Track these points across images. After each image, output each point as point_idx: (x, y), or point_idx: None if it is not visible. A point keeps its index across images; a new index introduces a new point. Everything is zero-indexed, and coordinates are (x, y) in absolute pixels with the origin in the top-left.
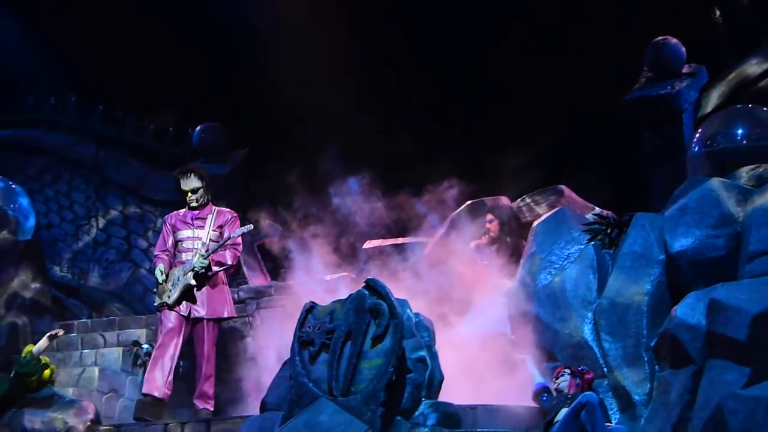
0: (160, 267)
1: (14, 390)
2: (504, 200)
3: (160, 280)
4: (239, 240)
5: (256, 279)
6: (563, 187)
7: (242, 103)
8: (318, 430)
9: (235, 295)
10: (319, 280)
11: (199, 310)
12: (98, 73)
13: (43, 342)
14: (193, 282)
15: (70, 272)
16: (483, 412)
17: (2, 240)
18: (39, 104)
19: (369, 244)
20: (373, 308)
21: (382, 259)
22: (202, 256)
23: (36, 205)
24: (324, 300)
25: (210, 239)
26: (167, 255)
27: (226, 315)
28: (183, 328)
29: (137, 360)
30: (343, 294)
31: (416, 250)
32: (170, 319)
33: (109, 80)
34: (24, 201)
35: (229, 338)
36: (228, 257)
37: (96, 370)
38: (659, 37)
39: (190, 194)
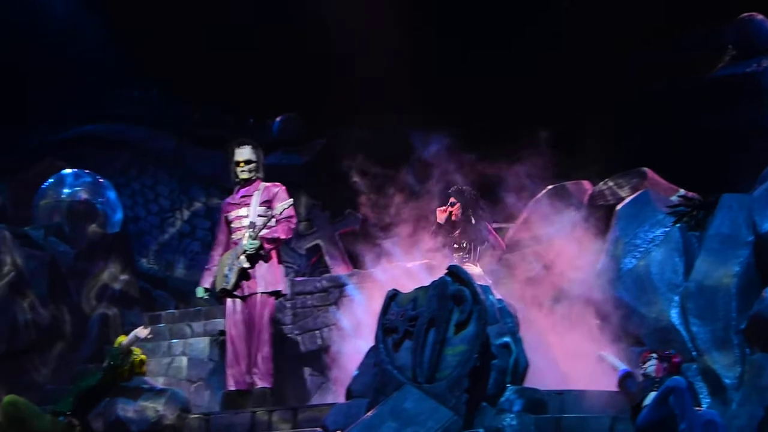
0: (200, 290)
1: (107, 380)
2: (586, 184)
3: (200, 296)
4: (292, 212)
5: (338, 268)
6: (646, 169)
7: (318, 91)
8: (403, 417)
9: (318, 284)
10: (401, 267)
11: (252, 287)
12: (180, 66)
13: (130, 339)
14: (247, 264)
15: (157, 264)
16: (570, 397)
17: (92, 233)
18: (122, 98)
19: None
20: (455, 294)
21: None
22: (251, 237)
23: (122, 199)
24: (406, 287)
25: (257, 215)
26: (219, 254)
27: (280, 288)
28: (245, 313)
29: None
30: (425, 281)
31: None
32: (235, 308)
33: (190, 73)
34: (111, 194)
35: (312, 327)
36: (281, 232)
37: (184, 359)
38: (744, 14)
39: (242, 164)
